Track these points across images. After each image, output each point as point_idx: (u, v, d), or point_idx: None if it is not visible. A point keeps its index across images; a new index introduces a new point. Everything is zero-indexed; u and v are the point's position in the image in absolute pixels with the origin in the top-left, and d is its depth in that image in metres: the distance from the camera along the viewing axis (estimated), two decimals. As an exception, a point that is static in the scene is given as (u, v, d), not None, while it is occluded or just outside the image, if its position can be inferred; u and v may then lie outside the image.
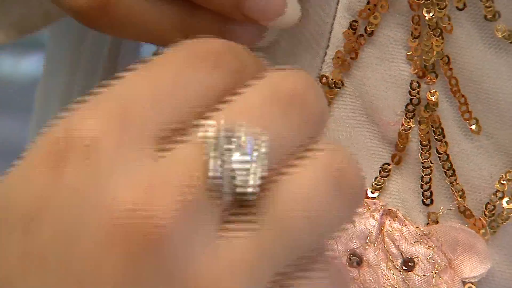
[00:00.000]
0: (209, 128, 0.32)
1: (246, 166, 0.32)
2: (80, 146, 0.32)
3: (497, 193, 0.43)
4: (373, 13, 0.42)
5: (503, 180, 0.43)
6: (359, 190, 0.35)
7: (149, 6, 0.44)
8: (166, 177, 0.31)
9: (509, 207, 0.43)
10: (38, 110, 0.64)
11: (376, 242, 0.44)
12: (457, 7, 0.41)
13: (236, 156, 0.32)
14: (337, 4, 0.43)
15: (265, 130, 0.32)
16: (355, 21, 0.43)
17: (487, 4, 0.40)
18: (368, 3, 0.42)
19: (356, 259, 0.44)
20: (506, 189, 0.43)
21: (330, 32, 0.44)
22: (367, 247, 0.44)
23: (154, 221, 0.31)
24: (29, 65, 2.12)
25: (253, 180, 0.32)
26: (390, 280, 0.43)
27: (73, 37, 0.59)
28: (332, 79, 0.44)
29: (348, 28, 0.43)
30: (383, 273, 0.43)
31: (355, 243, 0.44)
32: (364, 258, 0.44)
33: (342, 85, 0.44)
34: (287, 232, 0.32)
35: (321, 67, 0.45)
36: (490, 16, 0.41)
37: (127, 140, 0.32)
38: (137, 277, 0.31)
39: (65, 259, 0.31)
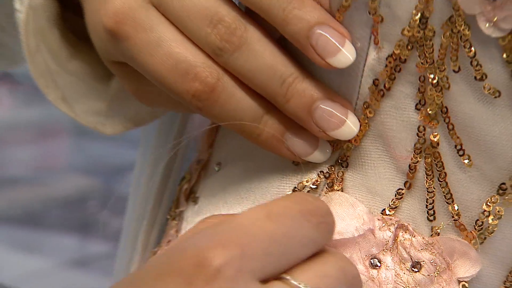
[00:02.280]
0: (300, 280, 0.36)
1: None
2: (206, 273, 0.34)
3: (485, 213, 0.46)
4: (390, 73, 0.45)
5: (489, 203, 0.46)
6: None
7: (243, 96, 0.45)
8: None
9: (494, 223, 0.46)
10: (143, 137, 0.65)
11: (391, 249, 0.46)
12: (453, 70, 0.43)
13: None
14: (364, 66, 0.45)
15: None
16: (377, 79, 0.45)
17: (476, 68, 0.43)
18: (386, 66, 0.45)
19: (376, 262, 0.46)
20: (491, 209, 0.46)
21: (359, 87, 0.46)
22: (385, 253, 0.46)
23: None
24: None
25: None
26: (402, 278, 0.45)
27: None
28: (360, 124, 0.47)
29: (372, 85, 0.46)
30: (397, 273, 0.46)
31: (375, 250, 0.46)
32: (382, 261, 0.46)
33: (368, 127, 0.47)
34: None
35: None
36: (479, 77, 0.43)
37: (242, 273, 0.34)
38: None
39: None
